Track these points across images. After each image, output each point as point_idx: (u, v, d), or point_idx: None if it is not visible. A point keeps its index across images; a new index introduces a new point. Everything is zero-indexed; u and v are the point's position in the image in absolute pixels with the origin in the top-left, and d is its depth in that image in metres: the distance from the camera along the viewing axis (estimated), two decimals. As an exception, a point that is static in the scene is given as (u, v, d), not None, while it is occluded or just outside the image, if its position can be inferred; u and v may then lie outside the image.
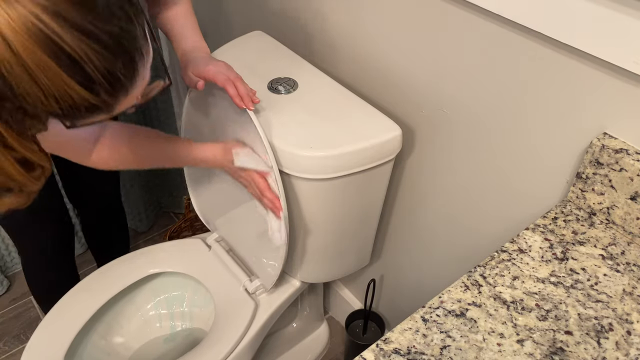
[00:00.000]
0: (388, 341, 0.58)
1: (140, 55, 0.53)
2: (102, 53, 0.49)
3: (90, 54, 0.48)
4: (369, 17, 0.95)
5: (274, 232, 0.96)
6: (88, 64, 0.48)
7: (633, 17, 0.60)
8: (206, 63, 0.85)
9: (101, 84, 0.50)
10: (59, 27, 0.46)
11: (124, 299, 1.16)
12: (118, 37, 0.50)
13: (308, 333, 1.45)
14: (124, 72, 0.52)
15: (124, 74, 0.52)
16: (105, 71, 0.50)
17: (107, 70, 0.50)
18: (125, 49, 0.51)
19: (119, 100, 0.54)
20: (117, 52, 0.50)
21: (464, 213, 0.97)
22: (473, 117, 0.86)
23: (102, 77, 0.50)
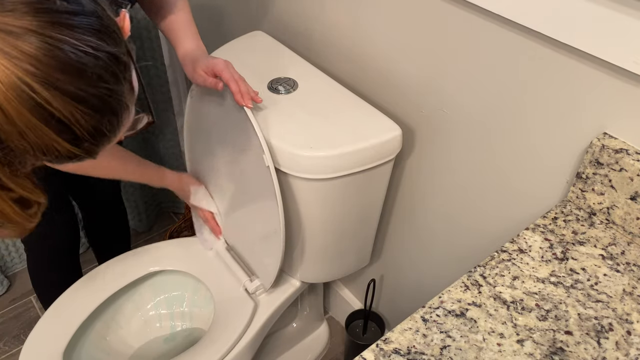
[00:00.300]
0: (388, 341, 0.58)
1: (125, 108, 0.55)
2: (90, 114, 0.51)
3: (78, 116, 0.50)
4: (369, 17, 0.95)
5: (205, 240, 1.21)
6: (75, 125, 0.50)
7: (633, 17, 0.60)
8: (212, 59, 0.87)
9: (86, 139, 0.52)
10: (49, 94, 0.48)
11: (123, 297, 1.16)
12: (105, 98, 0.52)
13: (308, 333, 1.45)
14: (109, 128, 0.54)
15: (108, 129, 0.54)
16: (92, 129, 0.52)
17: (93, 128, 0.52)
18: (111, 108, 0.53)
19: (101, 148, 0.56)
20: (104, 111, 0.52)
21: (464, 213, 0.97)
22: (473, 117, 0.86)
23: (88, 134, 0.52)
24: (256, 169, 0.91)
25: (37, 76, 0.47)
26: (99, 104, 0.51)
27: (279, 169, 0.88)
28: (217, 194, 1.14)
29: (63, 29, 0.49)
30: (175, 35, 0.94)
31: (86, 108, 0.50)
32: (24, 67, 0.46)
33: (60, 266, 1.26)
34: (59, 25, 0.49)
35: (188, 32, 0.94)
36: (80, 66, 0.50)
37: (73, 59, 0.49)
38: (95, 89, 0.51)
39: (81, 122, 0.50)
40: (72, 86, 0.49)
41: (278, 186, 0.86)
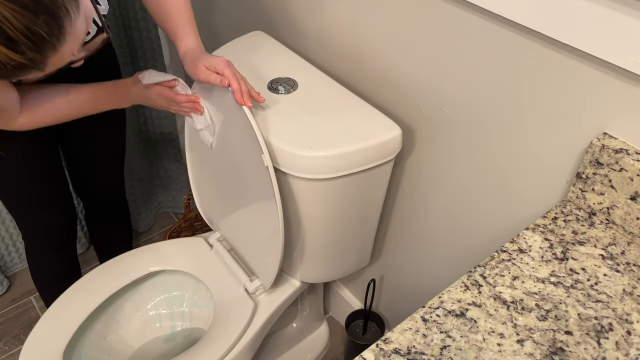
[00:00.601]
0: (388, 341, 0.58)
1: (64, 12, 0.53)
2: (20, 12, 0.49)
3: (7, 14, 0.49)
4: (369, 17, 0.95)
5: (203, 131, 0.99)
6: (6, 23, 0.49)
7: (633, 17, 0.60)
8: (214, 57, 0.87)
9: (23, 42, 0.50)
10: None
11: (123, 296, 1.16)
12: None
13: (308, 333, 1.45)
14: (46, 30, 0.52)
15: (46, 32, 0.52)
16: (26, 30, 0.50)
17: (27, 28, 0.50)
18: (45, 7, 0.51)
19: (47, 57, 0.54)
20: (36, 10, 0.50)
21: (464, 213, 0.97)
22: (473, 117, 0.86)
23: (23, 36, 0.50)
24: (256, 169, 0.91)
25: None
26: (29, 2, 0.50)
27: (278, 168, 0.88)
28: (219, 194, 1.14)
29: None
30: (175, 30, 0.94)
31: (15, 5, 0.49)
32: None
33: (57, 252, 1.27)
34: None
35: (189, 29, 0.94)
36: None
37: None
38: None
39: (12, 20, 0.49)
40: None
41: (277, 186, 0.86)
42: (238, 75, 0.85)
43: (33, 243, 1.24)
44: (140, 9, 1.43)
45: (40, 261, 1.28)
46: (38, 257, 1.27)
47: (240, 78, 0.86)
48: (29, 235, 1.22)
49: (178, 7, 0.93)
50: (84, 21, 0.58)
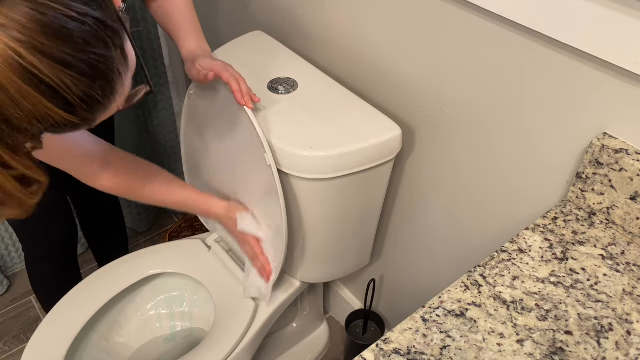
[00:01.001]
0: (388, 341, 0.58)
1: (117, 75, 0.56)
2: (79, 79, 0.51)
3: (68, 82, 0.51)
4: (369, 17, 0.95)
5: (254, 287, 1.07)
6: (66, 90, 0.51)
7: (633, 17, 0.60)
8: (213, 59, 0.87)
9: (80, 106, 0.53)
10: (37, 60, 0.49)
11: (124, 299, 1.16)
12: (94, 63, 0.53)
13: (308, 333, 1.45)
14: (101, 94, 0.54)
15: (101, 95, 0.54)
16: (83, 95, 0.52)
17: (84, 94, 0.52)
18: (102, 73, 0.54)
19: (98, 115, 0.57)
20: (94, 77, 0.53)
21: (464, 213, 0.97)
22: (473, 117, 0.86)
23: (80, 101, 0.53)
24: (257, 168, 0.91)
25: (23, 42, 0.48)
26: (88, 69, 0.52)
27: (278, 168, 0.88)
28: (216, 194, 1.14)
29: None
30: (178, 32, 0.94)
31: (75, 73, 0.51)
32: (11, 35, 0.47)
33: (57, 264, 1.27)
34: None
35: (192, 30, 0.94)
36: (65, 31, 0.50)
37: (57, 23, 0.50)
38: (82, 53, 0.51)
39: (71, 87, 0.51)
40: (59, 51, 0.50)
41: (280, 185, 0.86)
42: (237, 76, 0.85)
43: (33, 254, 1.23)
44: (140, 9, 1.43)
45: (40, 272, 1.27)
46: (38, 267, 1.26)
47: (240, 78, 0.85)
48: (28, 246, 1.21)
49: (180, 9, 0.93)
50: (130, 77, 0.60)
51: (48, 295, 1.28)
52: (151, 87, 0.66)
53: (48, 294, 1.29)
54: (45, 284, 1.29)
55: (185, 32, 0.93)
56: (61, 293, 1.11)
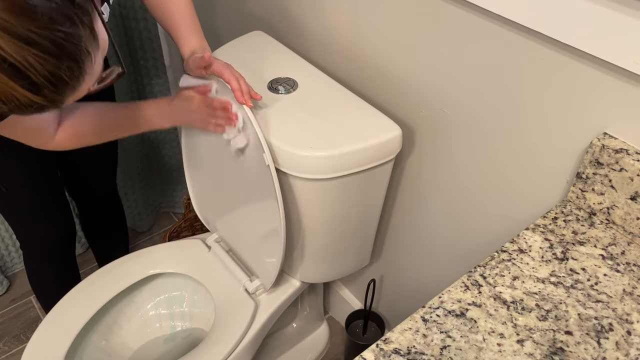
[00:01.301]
0: (388, 341, 0.58)
1: (86, 55, 0.54)
2: (44, 58, 0.50)
3: (32, 61, 0.49)
4: (369, 17, 0.95)
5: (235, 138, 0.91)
6: (30, 70, 0.49)
7: (633, 17, 0.60)
8: (214, 58, 0.87)
9: (45, 86, 0.51)
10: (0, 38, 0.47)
11: (124, 299, 1.16)
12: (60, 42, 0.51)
13: (308, 333, 1.45)
14: (68, 74, 0.52)
15: (68, 76, 0.52)
16: (49, 74, 0.51)
17: (50, 73, 0.51)
18: (69, 52, 0.52)
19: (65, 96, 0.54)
20: (59, 56, 0.51)
21: (464, 213, 0.97)
22: (473, 117, 0.86)
23: (46, 81, 0.51)
24: (256, 168, 0.91)
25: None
26: (53, 48, 0.50)
27: (278, 168, 0.88)
28: (216, 195, 1.14)
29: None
30: (179, 31, 0.93)
31: (39, 52, 0.49)
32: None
33: (56, 263, 1.27)
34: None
35: (193, 29, 0.93)
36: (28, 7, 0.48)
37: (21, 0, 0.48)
38: (48, 31, 0.50)
39: (36, 66, 0.50)
40: (23, 28, 0.48)
41: (278, 185, 0.86)
42: (237, 75, 0.85)
43: (31, 252, 1.23)
44: (141, 8, 1.43)
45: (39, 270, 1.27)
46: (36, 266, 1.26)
47: (240, 77, 0.85)
48: (26, 244, 1.21)
49: (180, 7, 0.93)
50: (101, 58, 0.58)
51: (47, 294, 1.29)
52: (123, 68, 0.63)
53: (47, 293, 1.29)
54: (44, 284, 1.29)
55: (185, 30, 0.93)
56: (61, 292, 1.11)
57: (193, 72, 0.89)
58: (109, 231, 1.45)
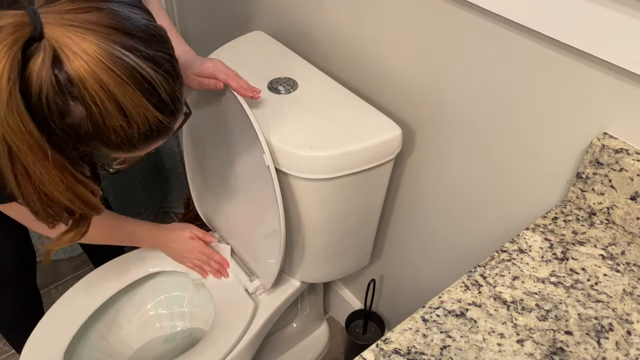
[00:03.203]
0: (388, 341, 0.58)
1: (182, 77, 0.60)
2: (166, 77, 0.56)
3: (161, 79, 0.55)
4: (369, 17, 0.95)
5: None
6: (160, 87, 0.55)
7: (633, 17, 0.60)
8: (202, 62, 0.86)
9: (169, 104, 0.57)
10: (137, 58, 0.53)
11: (123, 298, 1.16)
12: (172, 62, 0.57)
13: (308, 333, 1.45)
14: (180, 93, 0.59)
15: (179, 94, 0.59)
16: (172, 92, 0.57)
17: (172, 91, 0.57)
18: (177, 73, 0.58)
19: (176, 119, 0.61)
20: (174, 75, 0.58)
21: (464, 213, 0.97)
22: (473, 117, 0.86)
23: (169, 98, 0.57)
24: (256, 169, 0.91)
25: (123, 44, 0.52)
26: (169, 67, 0.56)
27: (278, 169, 0.88)
28: (218, 195, 1.14)
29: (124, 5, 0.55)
30: None
31: (162, 71, 0.55)
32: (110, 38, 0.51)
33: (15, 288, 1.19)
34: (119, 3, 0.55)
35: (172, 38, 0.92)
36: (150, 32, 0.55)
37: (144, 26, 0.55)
38: (163, 53, 0.56)
39: (164, 84, 0.55)
40: (149, 50, 0.54)
41: (278, 186, 0.86)
42: (231, 73, 0.85)
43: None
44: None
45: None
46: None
47: (234, 75, 0.85)
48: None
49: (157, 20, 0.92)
50: None
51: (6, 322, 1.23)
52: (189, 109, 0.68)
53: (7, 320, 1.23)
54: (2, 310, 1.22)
55: None
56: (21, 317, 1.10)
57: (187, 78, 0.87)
58: None
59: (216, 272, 1.13)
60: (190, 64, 0.87)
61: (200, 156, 1.12)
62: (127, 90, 0.52)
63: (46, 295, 1.62)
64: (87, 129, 0.53)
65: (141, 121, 0.55)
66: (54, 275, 1.70)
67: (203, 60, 0.86)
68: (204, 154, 1.10)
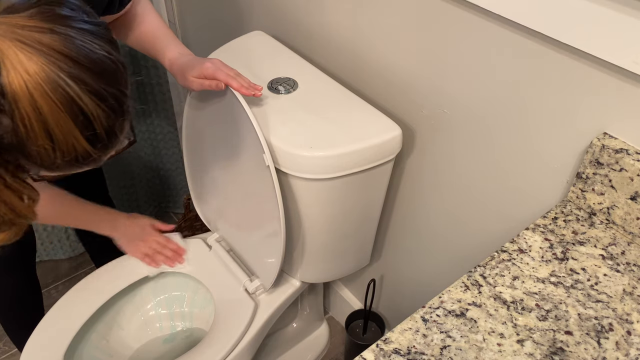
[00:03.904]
0: (388, 341, 0.58)
1: (129, 115, 0.59)
2: (108, 113, 0.55)
3: (100, 114, 0.54)
4: (369, 17, 0.95)
5: None
6: (97, 122, 0.54)
7: (633, 17, 0.60)
8: (201, 62, 0.86)
9: (102, 139, 0.56)
10: (80, 90, 0.52)
11: (123, 298, 1.16)
12: (120, 100, 0.56)
13: (308, 333, 1.45)
14: (119, 130, 0.58)
15: (119, 131, 0.58)
16: (109, 128, 0.56)
17: (109, 127, 0.56)
18: (123, 110, 0.57)
19: (108, 153, 0.60)
20: (118, 112, 0.56)
21: (464, 213, 0.97)
22: (473, 117, 0.86)
23: (105, 134, 0.56)
24: (256, 169, 0.91)
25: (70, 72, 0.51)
26: (116, 105, 0.55)
27: (278, 169, 0.88)
28: (217, 195, 1.14)
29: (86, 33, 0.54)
30: (154, 47, 0.93)
31: (106, 107, 0.54)
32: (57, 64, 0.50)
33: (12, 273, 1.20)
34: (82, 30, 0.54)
35: (169, 41, 0.92)
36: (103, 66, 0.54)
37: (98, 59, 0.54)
38: (113, 89, 0.55)
39: (102, 120, 0.54)
40: (97, 84, 0.53)
41: (278, 186, 0.86)
42: (232, 73, 0.85)
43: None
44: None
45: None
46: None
47: (235, 74, 0.85)
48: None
49: (151, 24, 0.93)
50: None
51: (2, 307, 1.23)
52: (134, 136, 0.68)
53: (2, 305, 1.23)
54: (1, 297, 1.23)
55: (159, 43, 0.92)
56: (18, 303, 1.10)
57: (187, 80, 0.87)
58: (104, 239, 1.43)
59: (169, 260, 1.14)
60: (190, 65, 0.87)
61: (199, 156, 1.12)
62: (60, 118, 0.51)
63: (46, 296, 1.62)
64: (10, 140, 0.52)
65: (67, 149, 0.54)
66: (54, 275, 1.70)
67: (202, 61, 0.86)
68: (203, 154, 1.10)
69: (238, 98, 0.85)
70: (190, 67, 0.86)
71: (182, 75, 0.88)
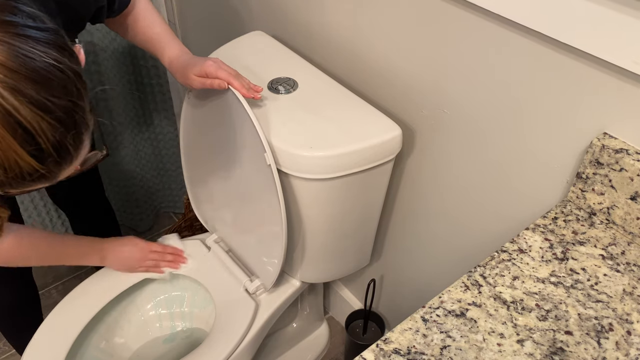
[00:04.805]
0: (388, 341, 0.58)
1: (86, 127, 0.55)
2: (56, 126, 0.50)
3: (44, 127, 0.50)
4: (369, 17, 0.95)
5: None
6: (41, 135, 0.50)
7: (633, 17, 0.60)
8: (202, 61, 0.86)
9: (50, 154, 0.52)
10: (17, 101, 0.47)
11: (124, 300, 1.16)
12: (70, 112, 0.52)
13: (308, 333, 1.45)
14: (72, 144, 0.53)
15: (72, 145, 0.53)
16: (57, 143, 0.51)
17: (58, 142, 0.51)
18: (75, 123, 0.53)
19: (62, 169, 0.55)
20: (69, 125, 0.52)
21: (464, 213, 0.97)
22: (473, 117, 0.86)
23: (52, 149, 0.51)
24: (256, 168, 0.91)
25: (5, 83, 0.47)
26: (65, 117, 0.51)
27: (278, 169, 0.88)
28: (215, 196, 1.14)
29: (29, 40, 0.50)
30: (155, 45, 0.93)
31: (52, 119, 0.50)
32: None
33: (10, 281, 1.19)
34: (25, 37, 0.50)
35: (169, 40, 0.93)
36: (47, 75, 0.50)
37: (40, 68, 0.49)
38: (61, 100, 0.51)
39: (47, 133, 0.50)
40: (39, 95, 0.49)
41: (280, 185, 0.86)
42: (233, 72, 0.85)
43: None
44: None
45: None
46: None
47: (236, 74, 0.85)
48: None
49: (152, 24, 0.93)
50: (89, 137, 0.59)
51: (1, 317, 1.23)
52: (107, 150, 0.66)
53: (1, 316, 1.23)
54: None
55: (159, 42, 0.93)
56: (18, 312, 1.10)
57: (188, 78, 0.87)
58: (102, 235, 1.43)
59: (173, 264, 1.14)
60: (191, 63, 0.87)
61: (197, 156, 1.12)
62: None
63: (46, 296, 1.62)
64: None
65: (9, 165, 0.50)
66: (54, 275, 1.70)
67: (204, 60, 0.86)
68: (201, 154, 1.10)
69: (239, 98, 0.85)
70: (192, 65, 0.86)
71: (182, 73, 0.88)
